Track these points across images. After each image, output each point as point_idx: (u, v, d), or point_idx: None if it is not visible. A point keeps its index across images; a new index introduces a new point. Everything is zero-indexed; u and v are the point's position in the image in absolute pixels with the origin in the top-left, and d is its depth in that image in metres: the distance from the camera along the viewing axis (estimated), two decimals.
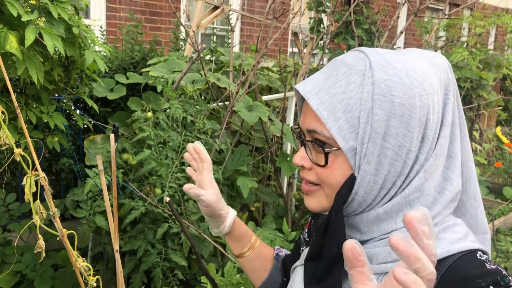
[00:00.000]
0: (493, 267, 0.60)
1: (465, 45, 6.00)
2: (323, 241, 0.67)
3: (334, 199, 0.65)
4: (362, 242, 0.68)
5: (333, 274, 0.65)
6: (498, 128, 4.86)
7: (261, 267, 0.97)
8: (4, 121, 0.87)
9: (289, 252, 1.02)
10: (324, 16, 5.22)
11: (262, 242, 0.99)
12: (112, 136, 0.90)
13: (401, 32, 2.90)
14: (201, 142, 2.38)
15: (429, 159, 0.64)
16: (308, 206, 0.72)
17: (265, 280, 0.96)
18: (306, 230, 0.93)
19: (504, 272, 0.59)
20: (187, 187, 0.87)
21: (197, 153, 0.94)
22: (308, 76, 3.48)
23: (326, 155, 0.65)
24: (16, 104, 0.93)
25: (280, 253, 1.01)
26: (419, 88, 0.62)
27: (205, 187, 0.91)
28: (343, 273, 0.64)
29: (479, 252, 0.63)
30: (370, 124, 0.61)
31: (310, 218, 0.95)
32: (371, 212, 0.66)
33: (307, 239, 0.92)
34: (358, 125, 0.62)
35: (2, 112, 0.87)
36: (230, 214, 0.94)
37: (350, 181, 0.64)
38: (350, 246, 0.41)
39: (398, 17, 3.10)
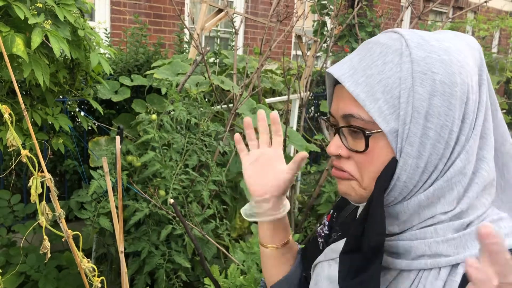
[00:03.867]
0: None
1: None
2: (361, 231, 0.62)
3: (374, 185, 0.61)
4: (399, 233, 0.65)
5: (371, 267, 0.60)
6: None
7: (289, 261, 0.89)
8: (11, 123, 0.88)
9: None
10: (327, 19, 5.23)
11: None
12: (117, 138, 0.91)
13: None
14: (205, 144, 2.40)
15: (469, 140, 0.62)
16: (343, 192, 0.67)
17: (288, 274, 0.88)
18: (327, 223, 0.88)
19: None
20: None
21: (274, 124, 0.82)
22: (311, 79, 3.50)
23: (367, 139, 0.61)
24: (23, 106, 0.94)
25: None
26: (458, 65, 0.60)
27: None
28: (381, 267, 0.61)
29: None
30: (412, 103, 0.59)
31: (331, 210, 0.89)
32: (413, 199, 0.63)
33: (327, 232, 0.86)
34: (399, 105, 0.60)
35: (10, 114, 0.88)
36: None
37: (392, 165, 0.61)
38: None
39: (401, 20, 3.10)
